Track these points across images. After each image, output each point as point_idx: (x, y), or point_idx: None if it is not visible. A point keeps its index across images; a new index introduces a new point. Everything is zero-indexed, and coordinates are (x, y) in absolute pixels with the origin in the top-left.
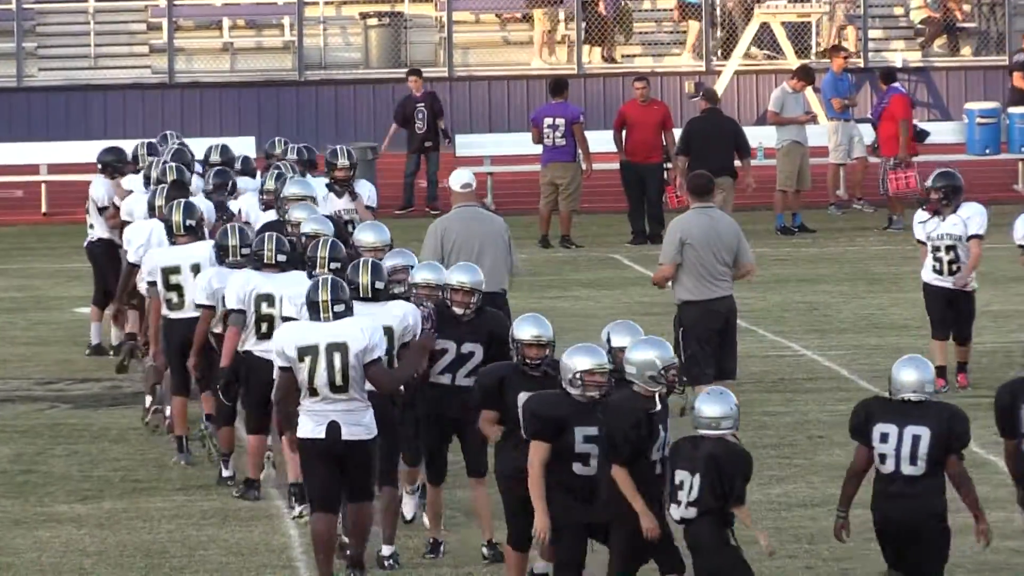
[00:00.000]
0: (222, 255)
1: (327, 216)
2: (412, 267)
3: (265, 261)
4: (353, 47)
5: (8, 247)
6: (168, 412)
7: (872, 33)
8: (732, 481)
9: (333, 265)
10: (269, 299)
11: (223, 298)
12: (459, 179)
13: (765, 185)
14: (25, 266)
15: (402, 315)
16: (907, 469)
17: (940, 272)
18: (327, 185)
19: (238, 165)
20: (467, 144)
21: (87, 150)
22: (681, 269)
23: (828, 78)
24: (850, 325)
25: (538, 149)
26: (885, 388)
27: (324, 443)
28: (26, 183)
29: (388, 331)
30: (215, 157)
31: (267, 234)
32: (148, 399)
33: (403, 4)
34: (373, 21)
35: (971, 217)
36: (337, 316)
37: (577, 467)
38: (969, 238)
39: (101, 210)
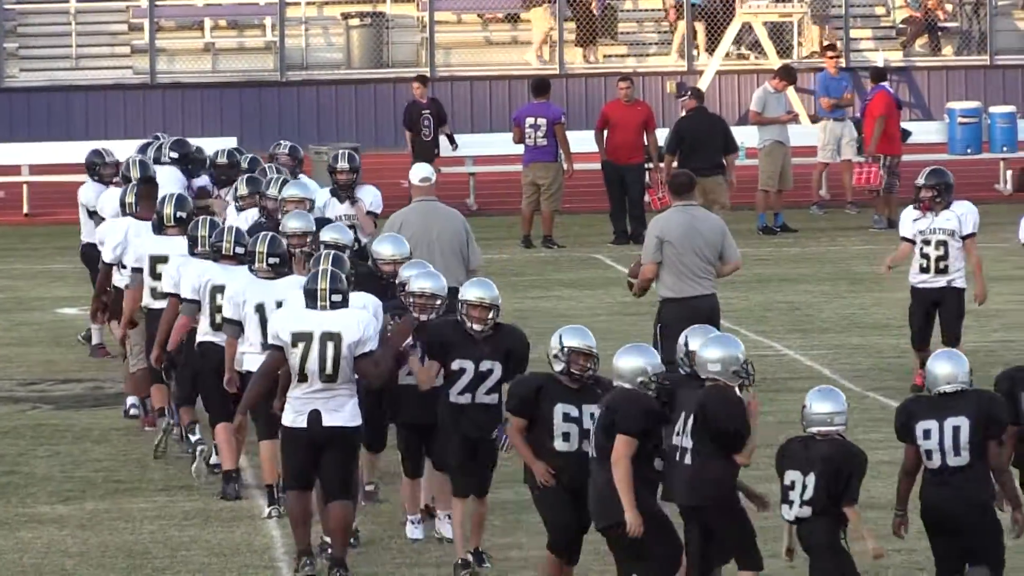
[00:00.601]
0: (192, 246)
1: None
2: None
3: (223, 253)
4: (335, 47)
5: None
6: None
7: (853, 33)
8: (848, 480)
9: (271, 260)
10: (223, 291)
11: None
12: (419, 173)
13: (747, 185)
14: (7, 267)
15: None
16: (952, 461)
17: (927, 270)
18: (331, 191)
19: (245, 164)
20: (449, 144)
21: (69, 151)
22: (662, 267)
23: (821, 77)
24: (832, 325)
25: (520, 149)
26: (867, 387)
27: (305, 432)
28: (8, 184)
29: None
30: (223, 160)
31: (228, 226)
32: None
33: (385, 4)
34: (355, 21)
35: (966, 215)
36: (334, 306)
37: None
38: (965, 237)
39: (91, 214)
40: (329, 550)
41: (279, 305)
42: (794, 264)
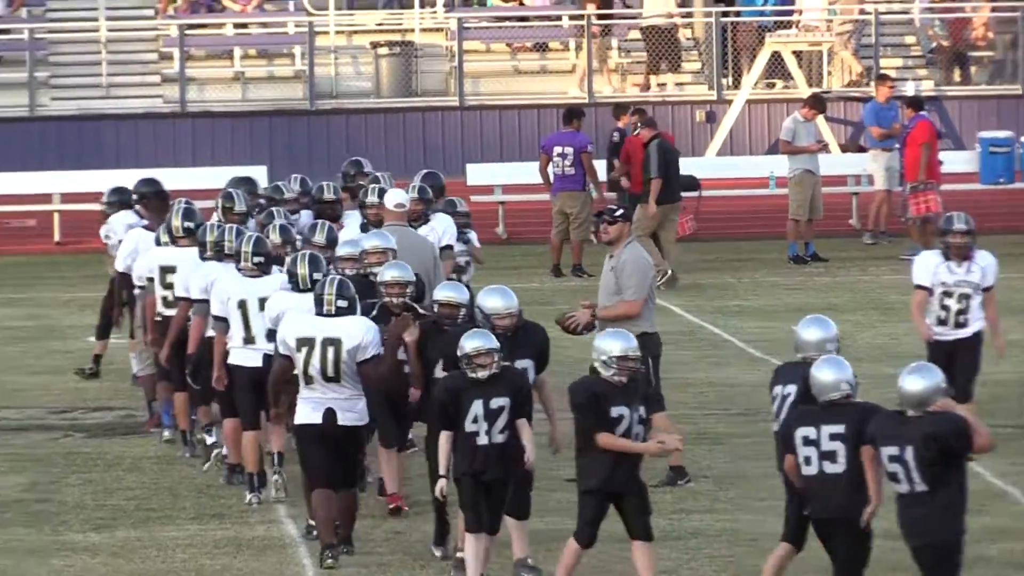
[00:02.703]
0: (201, 251)
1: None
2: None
3: (225, 252)
4: (364, 76)
5: (21, 276)
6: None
7: (883, 62)
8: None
9: (256, 260)
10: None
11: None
12: (394, 198)
13: (778, 214)
14: (38, 295)
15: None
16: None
17: (945, 323)
18: (360, 225)
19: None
20: (478, 173)
21: (100, 179)
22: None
23: (871, 106)
24: (864, 354)
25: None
26: None
27: (321, 427)
28: (39, 212)
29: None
30: (293, 187)
31: (229, 226)
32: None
33: (414, 34)
34: (384, 51)
35: (988, 267)
36: (340, 312)
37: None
38: (986, 289)
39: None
40: (314, 531)
41: (262, 302)
42: (825, 293)
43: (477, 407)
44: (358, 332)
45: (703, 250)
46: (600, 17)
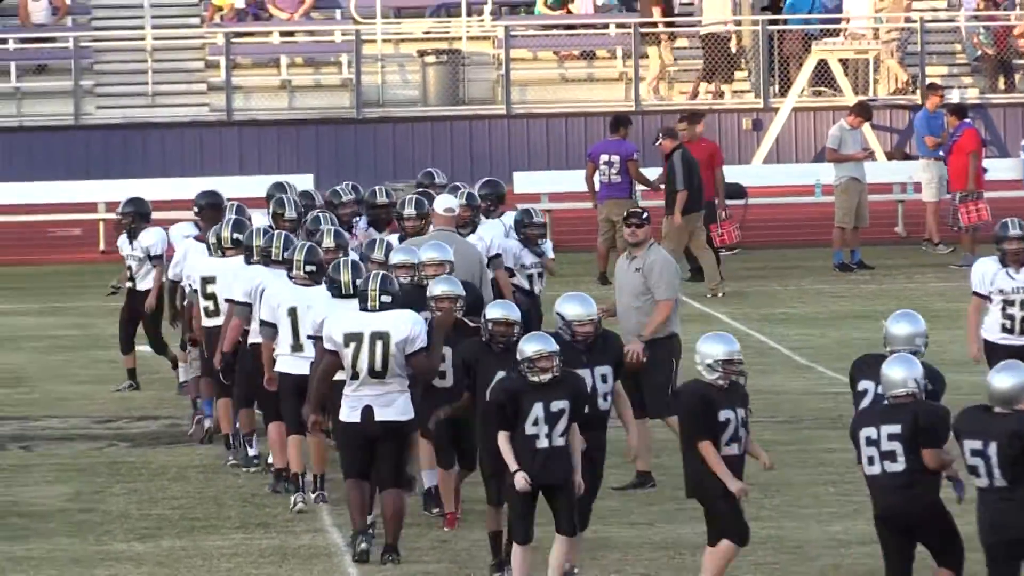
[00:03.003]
0: (248, 256)
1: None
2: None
3: (272, 258)
4: (411, 84)
5: (66, 285)
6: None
7: (929, 70)
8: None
9: (308, 268)
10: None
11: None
12: (443, 203)
13: (824, 222)
14: (83, 304)
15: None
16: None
17: (1011, 331)
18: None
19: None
20: (525, 181)
21: (145, 188)
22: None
23: (922, 115)
24: None
25: (595, 186)
26: None
27: (359, 426)
28: (84, 221)
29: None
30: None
31: (277, 232)
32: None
33: (461, 42)
34: (431, 59)
35: None
36: (384, 307)
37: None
38: None
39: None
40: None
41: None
42: (871, 301)
43: (538, 410)
44: (406, 325)
45: (749, 258)
46: (661, 24)
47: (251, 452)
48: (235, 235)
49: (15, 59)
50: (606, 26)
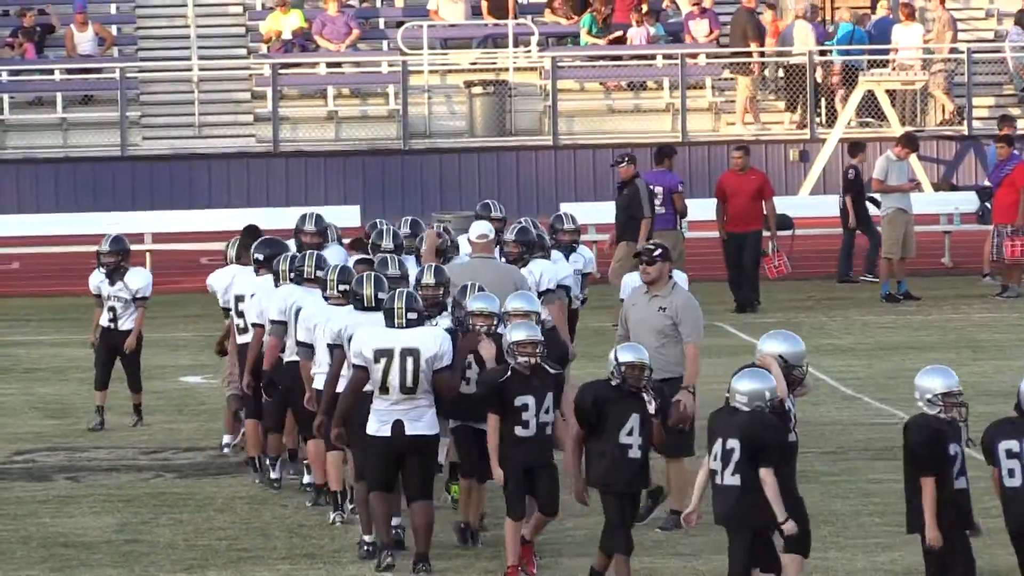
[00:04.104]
0: (276, 279)
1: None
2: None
3: (305, 276)
4: (458, 116)
5: None
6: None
7: (976, 101)
8: None
9: (341, 287)
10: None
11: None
12: (477, 229)
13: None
14: None
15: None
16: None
17: None
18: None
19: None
20: (572, 212)
21: (191, 219)
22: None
23: (994, 149)
24: None
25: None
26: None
27: (389, 440)
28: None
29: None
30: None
31: (308, 252)
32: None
33: (508, 73)
34: (478, 90)
35: None
36: (410, 324)
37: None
38: None
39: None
40: (366, 547)
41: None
42: (917, 332)
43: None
44: (435, 342)
45: (796, 288)
46: (751, 54)
47: (273, 475)
48: (257, 255)
49: (61, 90)
50: (653, 57)
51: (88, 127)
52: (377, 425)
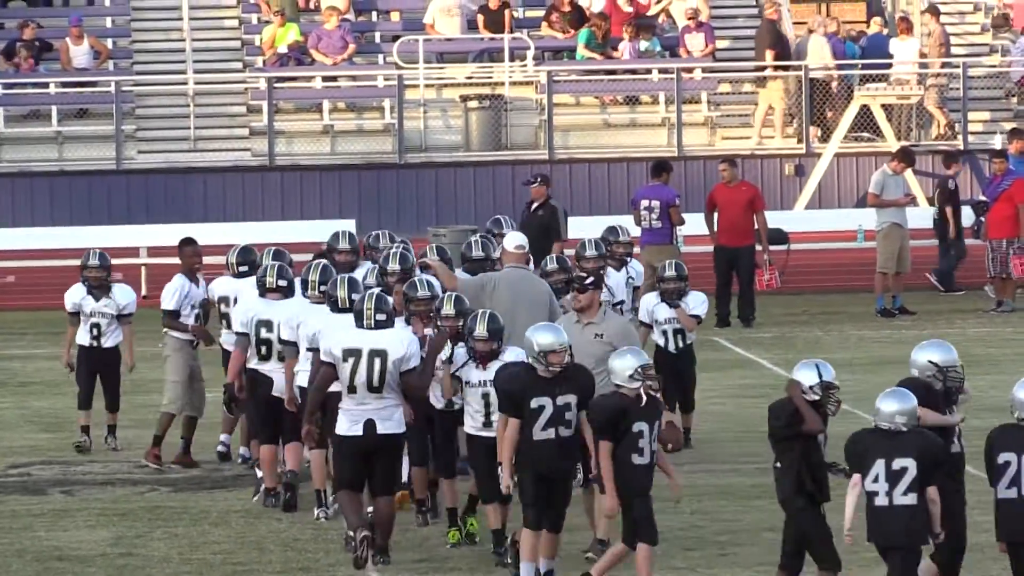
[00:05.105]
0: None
1: None
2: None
3: (267, 287)
4: (453, 130)
5: None
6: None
7: (971, 115)
8: None
9: (322, 288)
10: (268, 325)
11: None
12: (513, 240)
13: (865, 267)
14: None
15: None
16: None
17: None
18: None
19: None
20: (568, 226)
21: (186, 233)
22: None
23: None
24: None
25: (638, 231)
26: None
27: (361, 439)
28: (126, 265)
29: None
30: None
31: (271, 263)
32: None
33: (503, 87)
34: (473, 104)
35: None
36: (379, 324)
37: None
38: None
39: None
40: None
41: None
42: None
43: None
44: (402, 344)
45: (791, 303)
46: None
47: (260, 473)
48: (279, 282)
49: (56, 103)
50: (648, 71)
51: (83, 140)
52: (348, 424)
